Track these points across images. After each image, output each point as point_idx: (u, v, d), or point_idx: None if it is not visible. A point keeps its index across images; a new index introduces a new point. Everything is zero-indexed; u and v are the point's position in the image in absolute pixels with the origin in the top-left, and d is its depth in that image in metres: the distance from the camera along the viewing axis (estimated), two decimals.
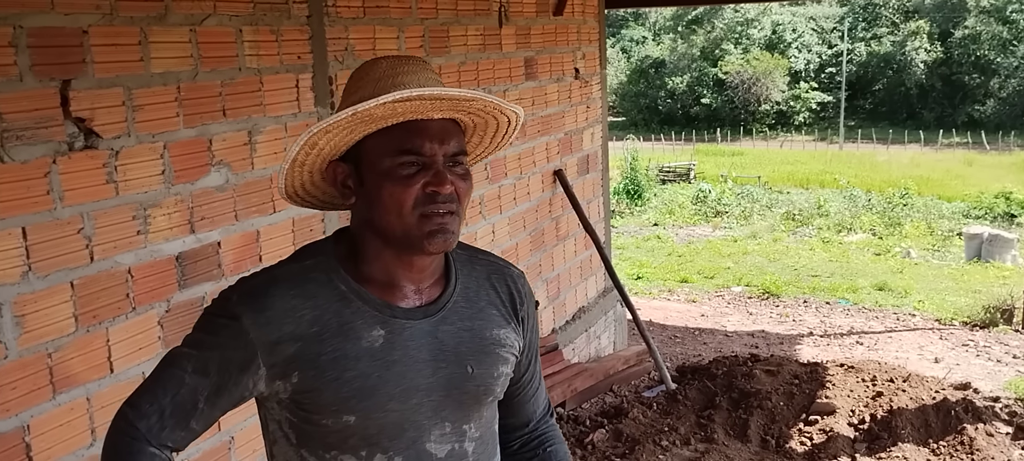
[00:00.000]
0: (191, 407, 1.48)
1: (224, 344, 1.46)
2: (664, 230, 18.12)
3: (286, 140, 3.58)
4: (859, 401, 5.52)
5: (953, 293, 10.95)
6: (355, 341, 1.48)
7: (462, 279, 1.62)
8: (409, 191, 1.45)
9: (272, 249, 3.54)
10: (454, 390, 1.55)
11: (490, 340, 1.60)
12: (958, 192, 27.15)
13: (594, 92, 6.72)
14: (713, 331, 8.67)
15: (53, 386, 2.69)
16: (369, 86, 1.46)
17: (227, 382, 1.48)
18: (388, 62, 1.49)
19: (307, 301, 1.47)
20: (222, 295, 1.51)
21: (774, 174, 32.60)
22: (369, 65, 1.51)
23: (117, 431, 1.49)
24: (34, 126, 2.58)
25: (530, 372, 1.76)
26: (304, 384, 1.47)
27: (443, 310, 1.56)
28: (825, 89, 55.07)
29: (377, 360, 1.49)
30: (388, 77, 1.46)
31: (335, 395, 1.47)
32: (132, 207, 2.92)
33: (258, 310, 1.46)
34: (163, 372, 1.50)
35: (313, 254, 1.55)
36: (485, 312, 1.62)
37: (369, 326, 1.49)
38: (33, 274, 2.61)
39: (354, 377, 1.47)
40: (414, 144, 1.45)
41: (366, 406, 1.48)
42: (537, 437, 1.81)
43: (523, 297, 1.69)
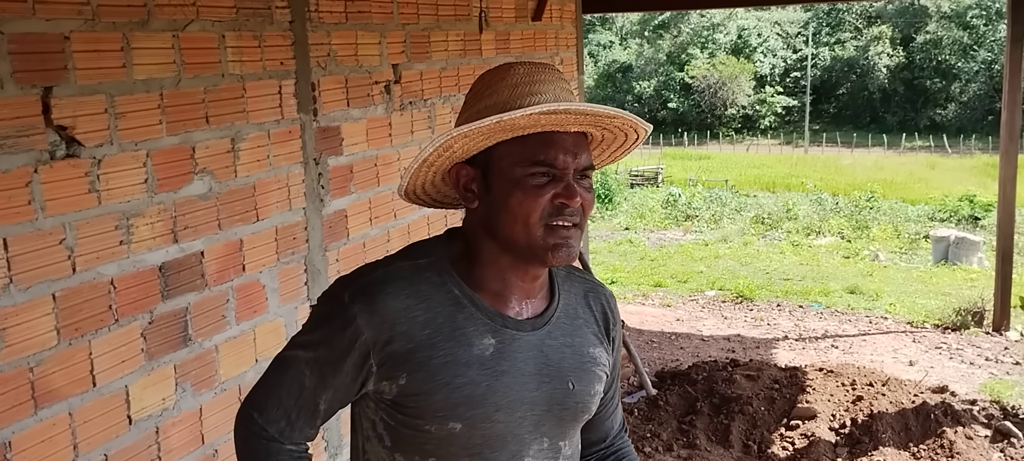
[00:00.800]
0: (314, 408, 1.51)
1: (338, 344, 1.46)
2: (635, 234, 18.18)
3: (269, 146, 3.52)
4: (839, 405, 5.55)
5: (923, 296, 11.07)
6: (467, 348, 1.47)
7: (563, 294, 1.61)
8: (539, 202, 1.42)
9: (256, 258, 3.48)
10: (555, 406, 1.55)
11: (588, 358, 1.60)
12: (922, 195, 27.55)
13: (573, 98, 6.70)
14: (689, 335, 8.68)
15: (35, 401, 2.61)
16: (505, 92, 1.43)
17: (343, 382, 1.48)
18: (525, 69, 1.47)
19: (421, 302, 1.46)
20: (335, 293, 1.50)
21: (741, 178, 32.88)
22: (503, 70, 1.48)
23: (252, 435, 1.52)
24: (15, 134, 2.51)
25: (613, 390, 1.77)
26: (412, 387, 1.45)
27: (548, 324, 1.56)
28: (790, 93, 55.68)
29: (487, 369, 1.47)
30: (525, 84, 1.44)
31: (444, 401, 1.45)
32: (115, 217, 2.85)
33: (373, 308, 1.44)
34: (284, 375, 1.50)
35: (426, 253, 1.52)
36: (582, 330, 1.62)
37: (481, 333, 1.48)
38: (14, 286, 2.53)
39: (464, 384, 1.46)
40: (549, 155, 1.42)
41: (473, 415, 1.46)
42: (613, 452, 1.82)
43: (615, 317, 1.70)
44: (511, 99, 1.42)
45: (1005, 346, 8.00)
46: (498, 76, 1.47)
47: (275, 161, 3.55)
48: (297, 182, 3.67)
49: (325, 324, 1.48)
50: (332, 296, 1.50)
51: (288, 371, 1.50)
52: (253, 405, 1.53)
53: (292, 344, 1.53)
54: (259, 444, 1.51)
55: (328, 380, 1.48)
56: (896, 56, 53.81)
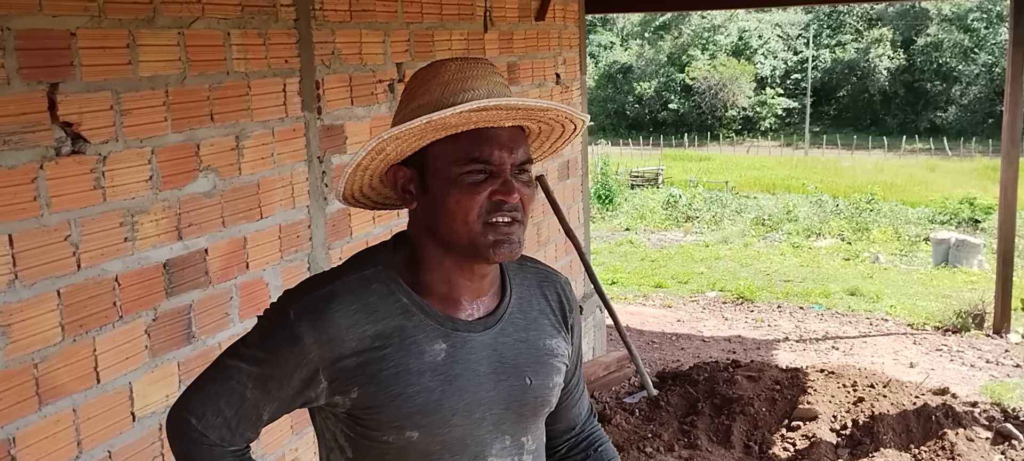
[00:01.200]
0: (256, 418, 1.50)
1: (285, 362, 1.44)
2: (636, 235, 18.18)
3: (273, 144, 3.52)
4: (841, 407, 5.55)
5: (923, 298, 11.06)
6: (418, 355, 1.45)
7: (516, 288, 1.59)
8: (475, 199, 1.41)
9: (259, 256, 3.48)
10: (514, 403, 1.54)
11: (545, 351, 1.59)
12: (922, 197, 27.54)
13: (574, 97, 6.70)
14: (690, 336, 8.68)
15: (39, 397, 2.62)
16: (437, 90, 1.42)
17: (288, 395, 1.47)
18: (457, 65, 1.45)
19: (369, 315, 1.44)
20: (279, 309, 1.47)
21: (741, 179, 32.87)
22: (436, 67, 1.46)
23: (189, 441, 1.50)
24: (21, 130, 2.51)
25: (576, 378, 1.76)
26: (364, 400, 1.44)
27: (501, 321, 1.54)
28: (791, 95, 55.65)
29: (440, 374, 1.46)
30: (457, 82, 1.42)
31: (398, 411, 1.44)
32: (119, 213, 2.85)
33: (320, 328, 1.42)
34: (223, 384, 1.48)
35: (372, 262, 1.50)
36: (538, 322, 1.60)
37: (431, 340, 1.46)
38: (20, 283, 2.53)
39: (417, 392, 1.44)
40: (483, 152, 1.41)
41: (430, 421, 1.45)
42: (585, 439, 1.80)
43: (571, 304, 1.69)
44: (443, 97, 1.40)
45: (1006, 349, 8.00)
46: (430, 74, 1.45)
47: (279, 159, 3.56)
48: (301, 180, 3.67)
49: (271, 340, 1.46)
50: (278, 312, 1.47)
51: (228, 381, 1.48)
52: (189, 410, 1.50)
53: (235, 354, 1.50)
54: (199, 449, 1.49)
55: (272, 394, 1.47)
56: (897, 58, 53.80)
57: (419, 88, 1.45)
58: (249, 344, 1.49)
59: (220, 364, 1.51)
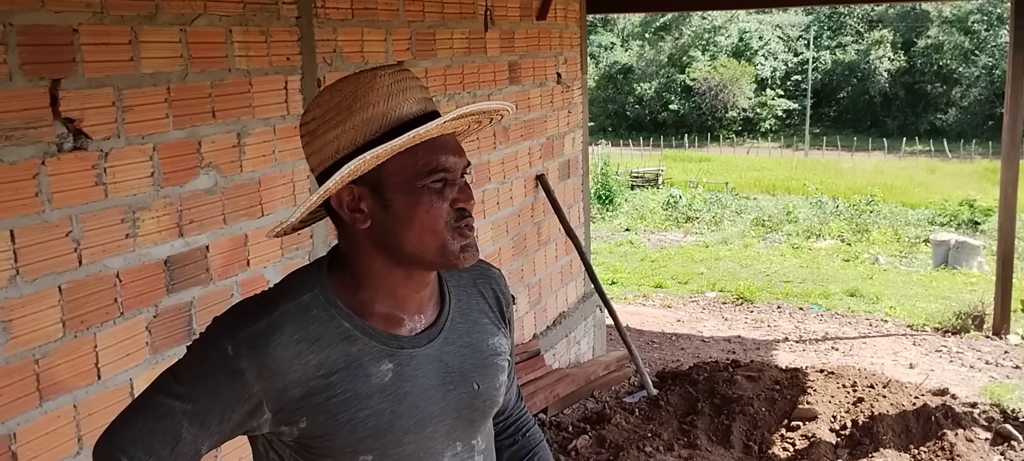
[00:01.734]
0: (193, 453, 1.43)
1: (225, 398, 1.38)
2: (636, 235, 18.18)
3: (275, 142, 3.53)
4: (840, 407, 5.55)
5: (923, 299, 11.07)
6: (364, 379, 1.42)
7: (453, 292, 1.58)
8: (442, 208, 1.40)
9: (260, 253, 3.48)
10: (464, 410, 1.53)
11: (488, 352, 1.58)
12: (922, 199, 27.55)
13: (575, 97, 6.71)
14: (690, 336, 8.68)
15: (40, 393, 2.62)
16: (381, 102, 1.38)
17: (228, 429, 1.42)
18: (390, 75, 1.40)
19: (312, 344, 1.40)
20: (214, 342, 1.40)
21: (741, 180, 32.88)
22: (367, 79, 1.39)
23: None
24: (23, 126, 2.51)
25: (510, 366, 1.75)
26: (313, 429, 1.41)
27: (443, 330, 1.52)
28: (791, 96, 55.63)
29: (389, 395, 1.43)
30: (398, 93, 1.39)
31: (350, 437, 1.41)
32: (121, 210, 2.86)
33: (262, 362, 1.37)
34: (156, 422, 1.40)
35: (307, 286, 1.44)
36: (479, 323, 1.59)
37: (377, 361, 1.43)
38: (21, 278, 2.54)
39: (368, 416, 1.42)
40: (441, 162, 1.39)
41: (383, 443, 1.43)
42: (513, 422, 1.81)
43: (507, 298, 1.68)
44: (390, 109, 1.37)
45: (1005, 350, 8.00)
46: (363, 87, 1.39)
47: (280, 156, 3.56)
48: (302, 178, 3.67)
49: (208, 376, 1.39)
50: (213, 347, 1.40)
51: (161, 420, 1.39)
52: (117, 447, 1.41)
53: (166, 390, 1.41)
54: None
55: (211, 428, 1.41)
56: (897, 60, 53.79)
57: (354, 102, 1.38)
58: (182, 381, 1.40)
59: (151, 399, 1.42)
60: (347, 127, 1.37)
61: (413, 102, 1.39)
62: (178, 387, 1.40)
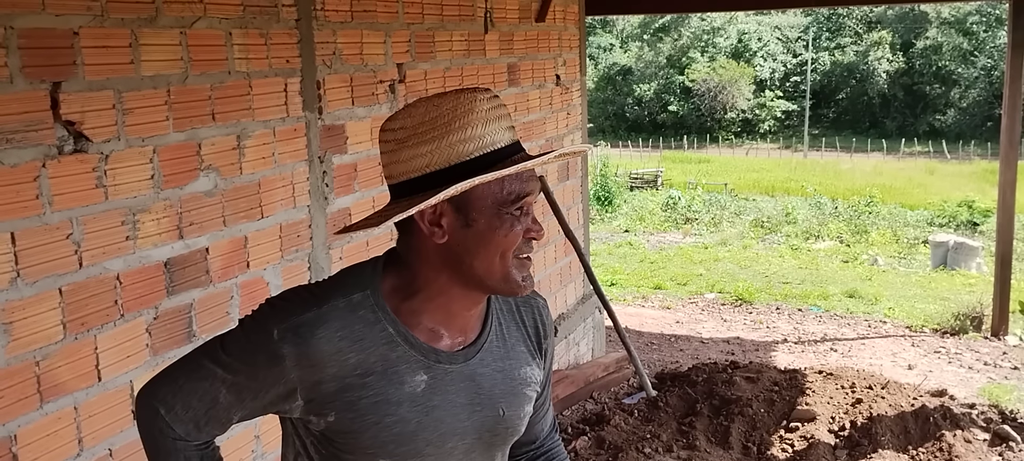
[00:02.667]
0: (226, 420, 1.50)
1: (263, 377, 1.44)
2: (635, 237, 18.19)
3: (274, 144, 3.53)
4: (839, 408, 5.56)
5: (922, 300, 11.08)
6: (398, 386, 1.46)
7: (496, 315, 1.60)
8: (514, 238, 1.45)
9: (260, 255, 3.49)
10: (486, 433, 1.55)
11: (519, 380, 1.60)
12: (921, 200, 27.55)
13: (574, 98, 6.72)
14: (689, 337, 8.69)
15: (41, 395, 2.63)
16: (479, 126, 1.42)
17: (261, 405, 1.48)
18: (486, 101, 1.43)
19: (354, 343, 1.43)
20: (263, 324, 1.45)
21: (741, 181, 32.89)
22: (466, 102, 1.43)
23: (156, 430, 1.51)
24: (24, 129, 2.52)
25: (544, 395, 1.77)
26: (340, 425, 1.45)
27: (481, 351, 1.55)
28: (790, 98, 55.68)
29: (418, 406, 1.47)
30: (493, 120, 1.43)
31: (373, 439, 1.45)
32: (121, 212, 2.86)
33: (303, 351, 1.41)
34: (197, 382, 1.47)
35: (360, 285, 1.48)
36: (515, 350, 1.61)
37: (413, 371, 1.47)
38: (22, 280, 2.54)
39: (394, 422, 1.45)
40: (523, 191, 1.44)
41: (403, 451, 1.47)
42: (544, 453, 1.82)
43: (547, 329, 1.70)
44: (486, 133, 1.41)
45: (1003, 351, 8.01)
46: (462, 108, 1.42)
47: (280, 159, 3.57)
48: (302, 180, 3.68)
49: (251, 355, 1.44)
50: (261, 327, 1.45)
51: (203, 381, 1.46)
52: (159, 399, 1.49)
53: (212, 356, 1.47)
54: (165, 441, 1.50)
55: (246, 402, 1.47)
56: (896, 61, 53.84)
57: (453, 121, 1.41)
58: (228, 351, 1.46)
59: (196, 361, 1.49)
60: (443, 144, 1.41)
61: (504, 130, 1.44)
62: (223, 356, 1.46)
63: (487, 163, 1.40)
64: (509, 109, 1.49)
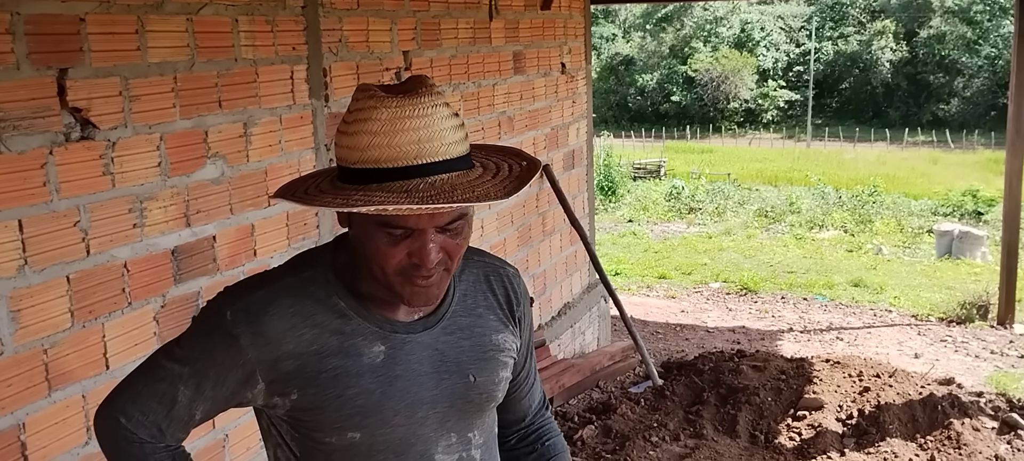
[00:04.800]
0: (188, 418, 1.49)
1: (221, 362, 1.43)
2: (639, 226, 18.18)
3: (281, 132, 3.52)
4: (846, 396, 5.54)
5: (927, 289, 11.06)
6: (356, 358, 1.45)
7: (459, 285, 1.58)
8: (392, 255, 1.37)
9: (267, 243, 3.47)
10: (458, 400, 1.54)
11: (490, 346, 1.58)
12: (925, 190, 27.50)
13: (580, 87, 6.69)
14: (694, 327, 8.68)
15: (49, 383, 2.62)
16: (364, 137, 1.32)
17: (223, 395, 1.46)
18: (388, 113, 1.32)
19: (306, 319, 1.44)
20: (215, 309, 1.46)
21: (744, 171, 32.83)
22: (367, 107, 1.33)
23: (120, 438, 1.49)
24: (31, 116, 2.50)
25: (526, 369, 1.75)
26: (304, 402, 1.44)
27: (442, 320, 1.53)
28: (793, 87, 55.54)
29: (379, 376, 1.46)
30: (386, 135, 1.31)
31: (338, 413, 1.44)
32: (128, 200, 2.85)
33: (257, 330, 1.41)
34: (155, 384, 1.46)
35: (311, 264, 1.49)
36: (483, 318, 1.59)
37: (370, 342, 1.46)
38: (29, 268, 2.53)
39: (357, 394, 1.45)
40: (397, 221, 1.34)
41: (371, 422, 1.46)
42: (534, 431, 1.80)
43: (519, 297, 1.66)
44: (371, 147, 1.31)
45: (1010, 339, 7.99)
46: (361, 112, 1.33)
47: (287, 146, 3.55)
48: (308, 168, 3.67)
49: (205, 341, 1.44)
50: (214, 312, 1.45)
51: (160, 382, 1.46)
52: (117, 409, 1.48)
53: (168, 354, 1.48)
54: (130, 447, 1.48)
55: (206, 393, 1.45)
56: (899, 51, 53.67)
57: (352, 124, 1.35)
58: (183, 344, 1.47)
59: (152, 363, 1.49)
60: (341, 141, 1.37)
61: (398, 147, 1.31)
62: (178, 350, 1.47)
63: (368, 177, 1.32)
64: (510, 96, 1.42)
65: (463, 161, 1.37)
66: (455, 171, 1.35)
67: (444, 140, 1.33)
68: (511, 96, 5.51)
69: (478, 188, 1.35)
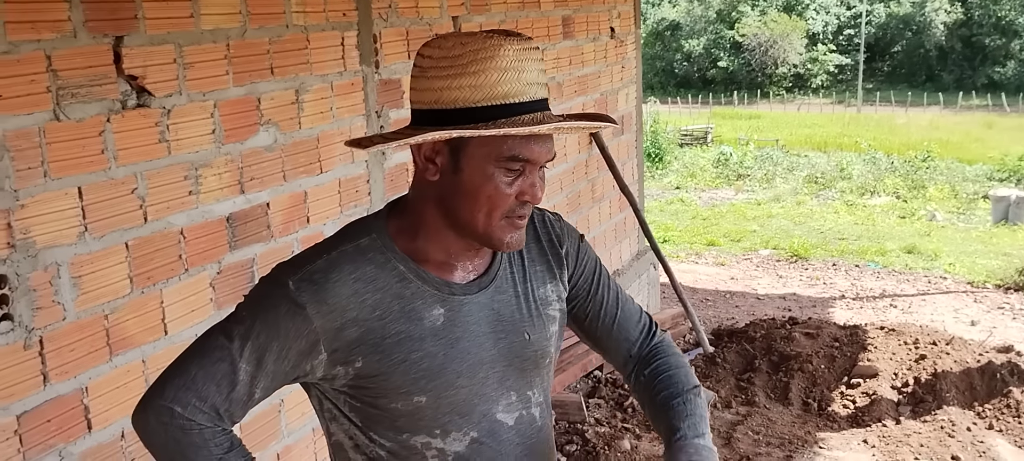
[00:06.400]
0: (247, 398, 1.43)
1: (285, 334, 1.40)
2: (687, 193, 18.04)
3: (332, 99, 3.51)
4: (902, 364, 5.46)
5: (983, 256, 10.84)
6: (418, 322, 1.45)
7: None
8: (507, 196, 1.41)
9: (320, 210, 3.48)
10: (515, 359, 1.55)
11: (541, 301, 1.59)
12: (979, 155, 26.90)
13: (629, 52, 6.62)
14: (744, 294, 8.60)
15: (110, 348, 2.65)
16: (493, 74, 1.36)
17: (284, 369, 1.43)
18: (513, 51, 1.38)
19: (368, 285, 1.43)
20: (275, 281, 1.43)
21: (792, 137, 32.38)
22: (492, 46, 1.37)
23: (176, 429, 1.40)
24: (88, 84, 2.52)
25: (601, 298, 1.69)
26: (369, 369, 1.44)
27: (495, 279, 1.54)
28: (843, 51, 54.58)
29: (441, 339, 1.47)
30: (513, 70, 1.37)
31: (404, 377, 1.44)
32: (184, 167, 2.87)
33: (321, 298, 1.40)
34: (212, 366, 1.40)
35: (366, 230, 1.49)
36: (531, 271, 1.60)
37: (429, 306, 1.47)
38: (89, 235, 2.56)
39: (421, 358, 1.45)
40: (525, 153, 1.39)
41: (435, 385, 1.46)
42: (643, 357, 1.72)
43: (562, 236, 1.66)
44: (501, 84, 1.36)
45: None
46: (486, 52, 1.37)
47: (338, 113, 3.55)
48: (359, 134, 3.66)
49: (268, 314, 1.40)
50: (274, 285, 1.43)
51: (218, 363, 1.40)
52: (170, 399, 1.40)
53: (224, 331, 1.42)
54: (187, 437, 1.40)
55: (267, 368, 1.41)
56: (954, 12, 52.45)
57: (471, 64, 1.37)
58: (242, 320, 1.42)
59: (205, 345, 1.43)
60: (454, 84, 1.38)
61: (525, 84, 1.38)
62: (237, 326, 1.42)
63: (495, 114, 1.36)
64: (559, 61, 1.45)
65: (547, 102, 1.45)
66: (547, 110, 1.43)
67: (543, 80, 1.42)
68: (560, 61, 5.46)
69: (582, 119, 1.48)
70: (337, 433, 1.55)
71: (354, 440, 1.53)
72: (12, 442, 2.37)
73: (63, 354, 2.50)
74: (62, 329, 2.49)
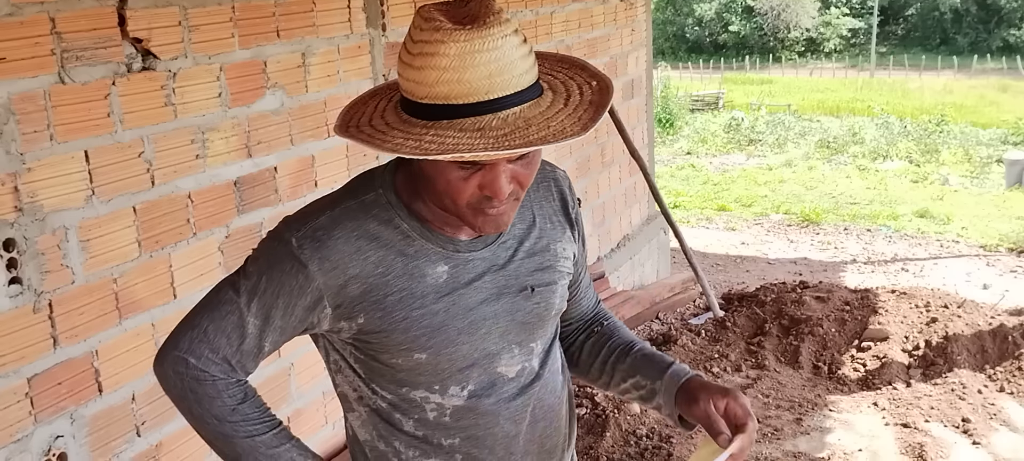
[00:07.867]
0: (257, 351, 1.47)
1: (289, 290, 1.42)
2: (697, 159, 17.94)
3: (339, 62, 3.50)
4: (913, 327, 5.44)
5: (996, 220, 10.77)
6: (420, 279, 1.45)
7: None
8: (463, 189, 1.34)
9: (327, 174, 3.48)
10: (519, 314, 1.53)
11: (549, 255, 1.58)
12: (994, 119, 26.61)
13: (639, 14, 6.56)
14: (755, 258, 8.59)
15: (119, 311, 2.66)
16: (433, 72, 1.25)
17: (291, 324, 1.45)
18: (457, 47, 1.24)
19: (371, 241, 1.43)
20: (279, 237, 1.44)
21: (805, 102, 32.10)
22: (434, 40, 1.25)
23: (191, 379, 1.44)
24: (93, 46, 2.51)
25: (583, 272, 1.76)
26: (370, 325, 1.44)
27: (501, 235, 1.53)
28: (856, 15, 53.97)
29: (443, 296, 1.46)
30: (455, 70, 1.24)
31: (404, 335, 1.44)
32: (190, 131, 2.86)
33: (324, 255, 1.40)
34: (222, 320, 1.43)
35: (371, 186, 1.48)
36: (540, 226, 1.58)
37: (433, 263, 1.46)
38: (96, 198, 2.56)
39: (422, 315, 1.44)
40: (472, 155, 1.25)
41: (436, 343, 1.46)
42: (590, 320, 1.81)
43: (571, 198, 1.66)
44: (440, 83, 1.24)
45: None
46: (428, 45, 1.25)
47: (345, 77, 3.53)
48: None
49: (272, 271, 1.42)
50: (278, 241, 1.44)
51: (229, 316, 1.43)
52: (185, 350, 1.44)
53: (232, 287, 1.44)
54: (202, 387, 1.44)
55: (275, 323, 1.44)
56: None
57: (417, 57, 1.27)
58: (248, 275, 1.44)
59: (215, 299, 1.46)
60: (405, 74, 1.30)
61: (469, 84, 1.24)
62: (243, 282, 1.44)
63: (438, 113, 1.26)
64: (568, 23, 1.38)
65: (533, 89, 1.30)
66: (527, 101, 1.28)
67: (514, 71, 1.27)
68: (569, 24, 5.42)
69: (553, 123, 1.28)
70: (342, 384, 1.58)
71: (358, 391, 1.55)
72: (23, 404, 2.39)
73: (72, 317, 2.51)
74: (71, 292, 2.50)
